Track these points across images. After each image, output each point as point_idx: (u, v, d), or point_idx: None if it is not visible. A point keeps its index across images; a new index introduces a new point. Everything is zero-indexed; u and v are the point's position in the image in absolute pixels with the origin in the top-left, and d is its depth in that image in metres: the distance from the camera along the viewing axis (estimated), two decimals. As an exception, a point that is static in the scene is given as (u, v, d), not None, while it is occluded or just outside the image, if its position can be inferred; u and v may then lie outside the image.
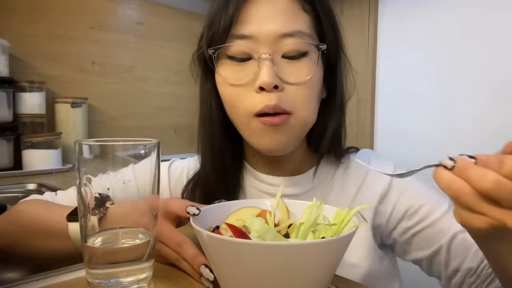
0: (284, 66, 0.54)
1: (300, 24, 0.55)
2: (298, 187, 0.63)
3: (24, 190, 1.15)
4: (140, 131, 1.86)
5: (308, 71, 0.55)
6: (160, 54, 1.93)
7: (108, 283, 0.39)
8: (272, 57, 0.53)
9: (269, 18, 0.53)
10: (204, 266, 0.44)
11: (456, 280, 0.56)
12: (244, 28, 0.54)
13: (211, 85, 0.61)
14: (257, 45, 0.54)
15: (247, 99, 0.55)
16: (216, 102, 0.61)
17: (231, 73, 0.56)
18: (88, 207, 0.39)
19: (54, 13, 1.57)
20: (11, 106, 1.35)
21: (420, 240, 0.59)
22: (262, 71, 0.52)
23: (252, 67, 0.54)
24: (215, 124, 0.62)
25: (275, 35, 0.53)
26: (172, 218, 0.49)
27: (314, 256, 0.36)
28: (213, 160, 0.62)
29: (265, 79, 0.52)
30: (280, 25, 0.53)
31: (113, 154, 0.40)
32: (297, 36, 0.54)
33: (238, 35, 0.54)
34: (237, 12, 0.54)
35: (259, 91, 0.53)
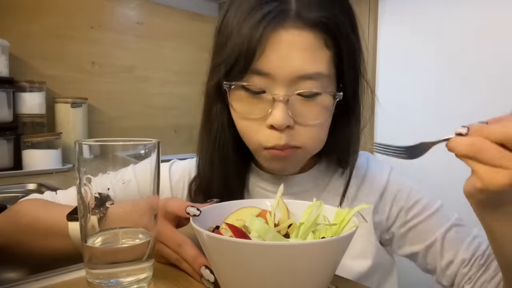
0: (298, 105, 0.53)
1: (320, 65, 0.52)
2: (299, 187, 0.64)
3: (24, 190, 1.15)
4: (140, 131, 1.86)
5: (322, 113, 0.55)
6: (160, 54, 1.93)
7: (108, 283, 0.39)
8: (288, 98, 0.52)
9: (289, 57, 0.51)
10: (204, 267, 0.44)
11: (450, 271, 0.58)
12: (263, 65, 0.52)
13: (222, 107, 0.60)
14: (273, 84, 0.52)
15: (258, 133, 0.55)
16: (228, 122, 0.60)
17: (244, 105, 0.55)
18: (88, 207, 0.39)
19: (54, 13, 1.57)
20: (11, 106, 1.35)
21: (416, 234, 0.62)
22: (275, 111, 0.52)
23: (265, 102, 0.54)
24: (228, 142, 0.61)
25: (292, 76, 0.52)
26: (171, 218, 0.49)
27: (314, 256, 0.36)
28: (223, 168, 0.62)
29: (277, 121, 0.52)
30: (299, 65, 0.51)
31: (113, 154, 0.40)
32: (315, 78, 0.52)
33: (256, 70, 0.52)
34: (261, 48, 0.51)
35: (270, 127, 0.53)
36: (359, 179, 0.65)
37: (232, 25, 0.54)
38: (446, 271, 0.59)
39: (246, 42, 0.51)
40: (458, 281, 0.58)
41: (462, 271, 0.57)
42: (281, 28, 0.51)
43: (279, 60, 0.51)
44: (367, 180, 0.65)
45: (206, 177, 0.64)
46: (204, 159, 0.63)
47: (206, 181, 0.64)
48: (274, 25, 0.51)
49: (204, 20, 2.00)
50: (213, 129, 0.61)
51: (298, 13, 0.51)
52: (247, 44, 0.51)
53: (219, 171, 0.62)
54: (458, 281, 0.58)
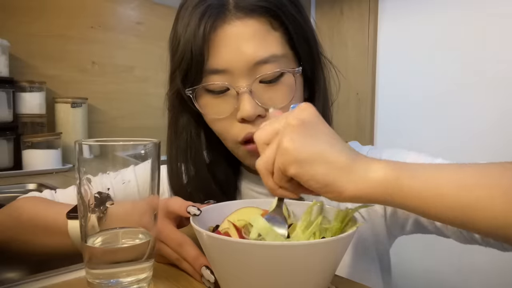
0: (263, 92, 0.54)
1: (272, 47, 0.53)
2: None
3: (24, 190, 1.15)
4: (140, 131, 1.86)
5: (288, 94, 0.55)
6: (160, 54, 1.92)
7: (108, 283, 0.39)
8: (250, 88, 0.52)
9: (240, 47, 0.52)
10: (205, 268, 0.44)
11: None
12: (216, 62, 0.52)
13: (188, 116, 0.62)
14: (233, 78, 0.53)
15: (231, 129, 0.56)
16: (196, 131, 0.62)
17: (211, 108, 0.56)
18: (88, 207, 0.39)
19: (54, 13, 1.57)
20: (11, 106, 1.35)
21: None
22: (242, 104, 0.52)
23: (231, 98, 0.54)
24: (200, 151, 0.63)
25: (248, 66, 0.52)
26: (172, 217, 0.49)
27: (314, 256, 0.36)
28: (206, 176, 0.63)
29: (246, 113, 0.52)
30: (252, 53, 0.51)
31: (113, 154, 0.40)
32: (272, 61, 0.53)
33: (212, 70, 0.53)
34: (206, 45, 0.51)
35: (241, 121, 0.54)
36: None
37: (180, 31, 0.55)
38: (446, 226, 0.53)
39: (193, 45, 0.52)
40: (466, 233, 0.50)
41: None
42: (223, 23, 0.52)
43: (230, 53, 0.52)
44: None
45: (185, 190, 0.63)
46: (178, 173, 0.63)
47: (188, 193, 0.63)
48: (216, 22, 0.51)
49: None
50: (182, 142, 0.62)
51: (236, 4, 0.52)
52: (194, 46, 0.52)
53: (199, 183, 0.62)
54: (466, 233, 0.50)
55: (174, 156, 0.63)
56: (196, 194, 0.62)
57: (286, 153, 0.37)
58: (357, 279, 0.58)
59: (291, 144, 0.37)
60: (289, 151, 0.36)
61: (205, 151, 0.64)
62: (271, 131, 0.39)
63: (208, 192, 0.62)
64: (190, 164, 0.62)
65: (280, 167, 0.38)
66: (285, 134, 0.37)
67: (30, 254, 0.61)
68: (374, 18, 1.73)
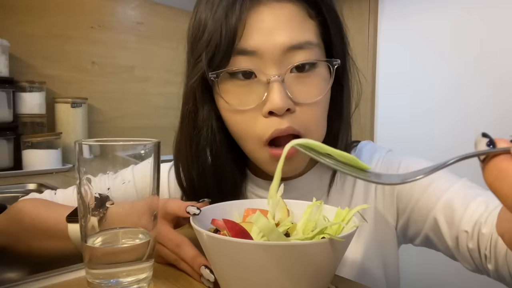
0: (294, 83, 0.49)
1: (308, 34, 0.49)
2: (301, 190, 0.61)
3: (24, 190, 1.15)
4: (140, 131, 1.86)
5: (321, 88, 0.51)
6: (160, 54, 1.93)
7: (108, 283, 0.39)
8: (282, 77, 0.48)
9: (274, 29, 0.47)
10: (204, 267, 0.44)
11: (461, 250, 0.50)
12: (246, 42, 0.48)
13: (208, 108, 0.55)
14: (263, 62, 0.48)
15: (255, 126, 0.50)
16: (217, 125, 0.55)
17: (235, 97, 0.50)
18: (88, 207, 0.39)
19: (54, 13, 1.57)
20: (11, 106, 1.35)
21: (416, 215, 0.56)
22: (272, 95, 0.47)
23: (258, 89, 0.49)
24: (220, 149, 0.56)
25: (282, 49, 0.48)
26: (170, 218, 0.49)
27: (314, 256, 0.36)
28: (214, 177, 0.58)
29: (276, 104, 0.47)
30: (287, 36, 0.47)
31: (113, 154, 0.40)
32: (307, 48, 0.49)
33: (241, 51, 0.48)
34: (240, 24, 0.47)
35: (268, 115, 0.49)
36: None
37: (205, 14, 0.50)
38: (458, 249, 0.51)
39: (224, 24, 0.47)
40: (478, 262, 0.49)
41: (469, 246, 0.49)
42: (259, 3, 0.48)
43: (264, 35, 0.48)
44: None
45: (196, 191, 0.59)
46: (192, 172, 0.57)
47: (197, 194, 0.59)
48: (251, 2, 0.48)
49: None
50: (202, 138, 0.55)
51: None
52: (225, 25, 0.47)
53: (212, 183, 0.57)
54: (477, 261, 0.49)
55: (192, 151, 0.57)
56: (206, 193, 0.58)
57: None
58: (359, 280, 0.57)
59: None
60: None
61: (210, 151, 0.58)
62: None
63: (214, 193, 0.59)
64: (207, 162, 0.56)
65: None
66: None
67: (32, 257, 0.61)
68: (374, 18, 1.73)
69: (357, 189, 0.62)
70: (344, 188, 0.62)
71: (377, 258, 0.62)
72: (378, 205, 0.61)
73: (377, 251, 0.62)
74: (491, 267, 0.47)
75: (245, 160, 0.61)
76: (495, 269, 0.46)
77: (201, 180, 0.58)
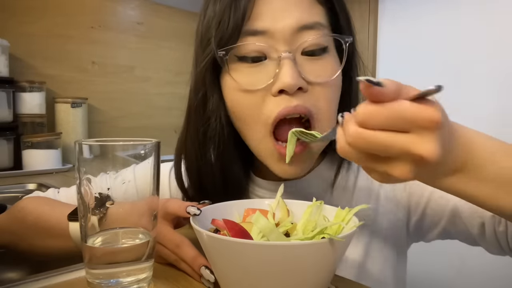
0: (306, 64, 0.48)
1: (318, 16, 0.50)
2: (304, 191, 0.60)
3: (24, 190, 1.15)
4: (140, 131, 1.86)
5: (334, 69, 0.50)
6: (160, 54, 1.93)
7: (108, 283, 0.39)
8: (293, 55, 0.47)
9: (284, 11, 0.48)
10: (204, 268, 0.44)
11: (488, 235, 0.50)
12: (256, 23, 0.48)
13: (218, 97, 0.53)
14: (273, 42, 0.48)
15: (263, 106, 0.49)
16: (226, 115, 0.53)
17: (244, 76, 0.49)
18: (88, 207, 0.39)
19: (54, 13, 1.57)
20: (11, 106, 1.35)
21: (432, 210, 0.56)
22: (283, 71, 0.46)
23: (268, 68, 0.48)
24: (227, 140, 0.54)
25: (292, 29, 0.47)
26: (170, 219, 0.49)
27: (314, 256, 0.36)
28: (220, 174, 0.56)
29: (287, 81, 0.45)
30: (296, 17, 0.47)
31: (113, 154, 0.40)
32: (317, 28, 0.48)
33: (250, 31, 0.48)
34: (250, 6, 0.47)
35: (278, 94, 0.47)
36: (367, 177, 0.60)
37: (214, 6, 0.51)
38: (484, 236, 0.51)
39: (233, 6, 0.48)
40: (504, 244, 0.49)
41: (499, 230, 0.49)
42: None
43: (274, 15, 0.48)
44: None
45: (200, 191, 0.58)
46: (198, 170, 0.56)
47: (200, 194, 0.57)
48: None
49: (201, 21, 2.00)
50: (210, 127, 0.53)
51: None
52: (235, 5, 0.48)
53: (218, 182, 0.56)
54: (504, 244, 0.49)
55: (197, 149, 0.55)
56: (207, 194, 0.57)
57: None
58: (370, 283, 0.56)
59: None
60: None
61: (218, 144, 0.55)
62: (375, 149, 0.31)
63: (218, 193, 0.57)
64: (214, 152, 0.55)
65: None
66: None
67: (34, 256, 0.61)
68: (374, 18, 1.73)
69: (359, 189, 0.61)
70: (346, 187, 0.61)
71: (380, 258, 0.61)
72: (382, 204, 0.60)
73: (379, 250, 0.61)
74: None
75: (250, 161, 0.61)
76: None
77: (207, 179, 0.56)
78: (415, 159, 0.29)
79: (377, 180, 0.33)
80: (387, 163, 0.31)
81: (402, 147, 0.29)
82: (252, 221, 0.41)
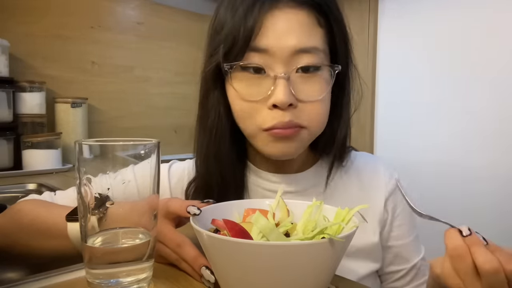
0: (299, 82, 0.54)
1: (315, 40, 0.55)
2: (301, 184, 0.64)
3: (24, 190, 1.15)
4: (140, 131, 1.86)
5: (322, 88, 0.56)
6: (160, 54, 1.93)
7: (108, 283, 0.39)
8: (289, 75, 0.53)
9: (286, 33, 0.53)
10: (205, 268, 0.44)
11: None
12: (261, 41, 0.53)
13: (219, 93, 0.60)
14: (273, 60, 0.53)
15: (258, 115, 0.55)
16: (225, 110, 0.60)
17: (244, 87, 0.56)
18: (88, 207, 0.39)
19: (54, 13, 1.57)
20: (11, 106, 1.35)
21: (392, 256, 0.66)
22: (278, 89, 0.52)
23: (266, 82, 0.54)
24: (224, 133, 0.61)
25: (291, 51, 0.53)
26: (172, 218, 0.49)
27: (314, 256, 0.36)
28: (219, 164, 0.62)
29: (280, 99, 0.52)
30: (297, 40, 0.53)
31: (113, 154, 0.40)
32: (313, 52, 0.54)
33: (254, 47, 0.54)
34: (258, 24, 0.53)
35: (272, 108, 0.54)
36: (365, 178, 0.66)
37: (226, 13, 0.56)
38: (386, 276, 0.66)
39: (243, 23, 0.53)
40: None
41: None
42: (275, 8, 0.54)
43: (276, 36, 0.53)
44: (373, 181, 0.66)
45: (203, 177, 0.63)
46: (201, 155, 0.63)
47: (204, 181, 0.63)
48: (268, 6, 0.53)
49: (204, 20, 2.00)
50: (210, 120, 0.61)
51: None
52: (244, 24, 0.53)
53: (215, 167, 0.62)
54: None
55: (202, 134, 0.63)
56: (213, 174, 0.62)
57: None
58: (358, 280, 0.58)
59: None
60: None
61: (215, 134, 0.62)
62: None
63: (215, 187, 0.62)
64: (212, 148, 0.61)
65: None
66: None
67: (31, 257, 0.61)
68: (374, 18, 1.73)
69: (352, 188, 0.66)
70: (337, 186, 0.66)
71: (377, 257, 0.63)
72: (374, 203, 0.65)
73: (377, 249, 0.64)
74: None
75: (245, 150, 0.66)
76: None
77: (206, 165, 0.62)
78: None
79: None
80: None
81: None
82: (252, 221, 0.41)
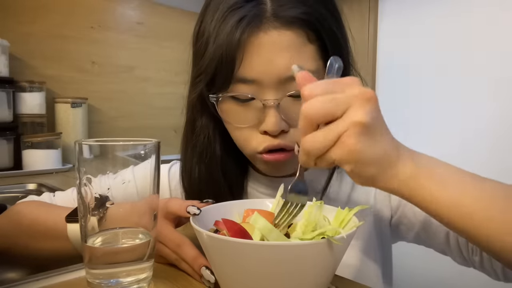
0: (289, 107, 0.52)
1: (305, 62, 0.50)
2: None
3: (24, 190, 1.15)
4: (140, 131, 1.86)
5: None
6: (160, 54, 1.93)
7: (108, 283, 0.39)
8: (278, 102, 0.51)
9: (273, 60, 0.49)
10: (204, 268, 0.44)
11: (452, 244, 0.55)
12: (246, 72, 0.50)
13: (207, 118, 0.59)
14: (261, 89, 0.50)
15: (252, 140, 0.54)
16: (213, 133, 0.60)
17: (234, 116, 0.54)
18: (88, 207, 0.39)
19: (54, 13, 1.57)
20: (11, 106, 1.35)
21: (409, 214, 0.61)
22: (268, 118, 0.51)
23: (256, 109, 0.52)
24: (216, 154, 0.60)
25: (279, 78, 0.50)
26: (171, 218, 0.49)
27: (314, 256, 0.36)
28: (218, 177, 0.61)
29: (271, 127, 0.51)
30: (284, 67, 0.49)
31: (113, 154, 0.40)
32: None
33: (240, 78, 0.50)
34: (240, 52, 0.49)
35: (263, 133, 0.53)
36: None
37: (208, 32, 0.52)
38: (449, 245, 0.56)
39: (224, 50, 0.49)
40: (466, 254, 0.54)
41: (461, 240, 0.54)
42: (259, 30, 0.49)
43: (262, 64, 0.49)
44: None
45: (196, 188, 0.62)
46: (191, 171, 0.62)
47: (198, 190, 0.62)
48: (251, 29, 0.48)
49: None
50: (199, 143, 0.60)
51: (274, 13, 0.49)
52: (226, 52, 0.49)
53: (209, 183, 0.61)
54: (466, 253, 0.54)
55: (189, 155, 0.62)
56: (205, 193, 0.60)
57: (349, 153, 0.35)
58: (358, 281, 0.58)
59: (358, 147, 0.35)
60: (354, 153, 0.35)
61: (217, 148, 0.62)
62: (326, 112, 0.36)
63: (217, 191, 0.61)
64: (203, 165, 0.61)
65: (334, 159, 0.36)
66: (352, 134, 0.35)
67: (30, 259, 0.61)
68: (374, 18, 1.73)
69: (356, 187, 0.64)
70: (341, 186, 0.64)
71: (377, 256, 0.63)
72: (376, 203, 0.63)
73: (376, 249, 0.63)
74: (477, 259, 0.53)
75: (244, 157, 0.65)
76: (480, 261, 0.52)
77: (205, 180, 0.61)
78: None
79: (327, 166, 0.38)
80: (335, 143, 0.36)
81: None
82: (251, 222, 0.41)
